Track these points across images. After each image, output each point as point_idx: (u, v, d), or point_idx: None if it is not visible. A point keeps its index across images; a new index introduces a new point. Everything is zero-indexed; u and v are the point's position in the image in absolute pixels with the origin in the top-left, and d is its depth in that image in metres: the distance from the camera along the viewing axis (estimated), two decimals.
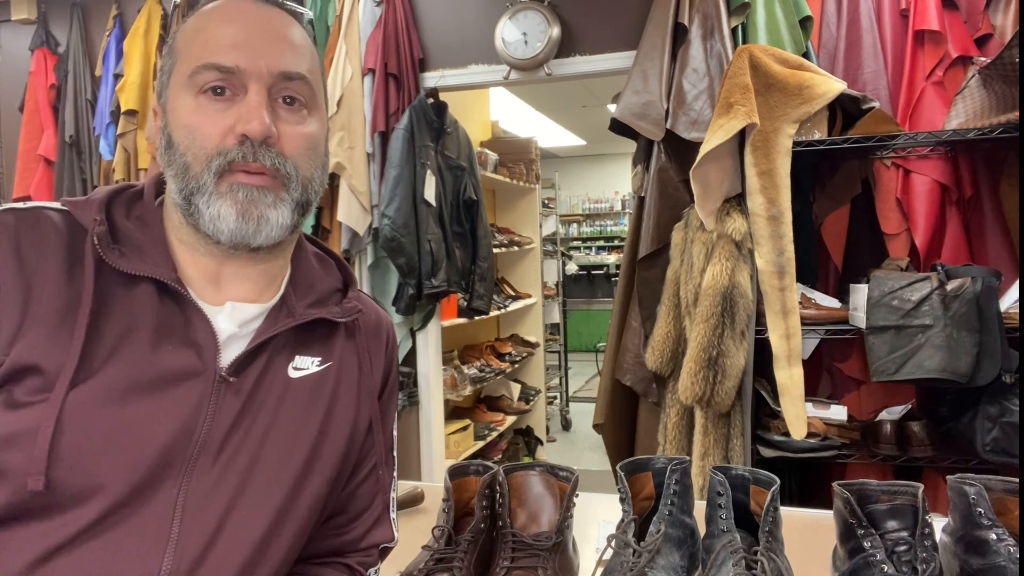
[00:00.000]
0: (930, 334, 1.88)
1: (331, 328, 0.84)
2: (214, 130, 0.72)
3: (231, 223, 0.72)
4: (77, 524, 0.66)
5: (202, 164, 0.71)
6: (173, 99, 0.74)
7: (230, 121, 0.72)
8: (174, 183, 0.73)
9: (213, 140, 0.71)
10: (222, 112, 0.72)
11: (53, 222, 0.72)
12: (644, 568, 0.89)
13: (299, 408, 0.78)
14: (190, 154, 0.72)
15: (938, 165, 2.22)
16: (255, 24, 0.74)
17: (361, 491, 0.88)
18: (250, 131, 0.71)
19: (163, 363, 0.71)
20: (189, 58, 0.73)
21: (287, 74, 0.74)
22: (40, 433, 0.64)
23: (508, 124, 6.02)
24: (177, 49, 0.75)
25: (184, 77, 0.73)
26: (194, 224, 0.73)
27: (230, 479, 0.72)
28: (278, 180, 0.74)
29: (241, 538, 0.72)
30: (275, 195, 0.74)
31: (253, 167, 0.72)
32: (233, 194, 0.72)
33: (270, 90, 0.73)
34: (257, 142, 0.72)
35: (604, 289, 8.54)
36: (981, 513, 0.85)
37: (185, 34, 0.76)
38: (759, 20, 2.32)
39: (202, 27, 0.75)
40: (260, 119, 0.71)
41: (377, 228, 2.79)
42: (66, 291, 0.69)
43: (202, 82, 0.72)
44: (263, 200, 0.73)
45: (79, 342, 0.67)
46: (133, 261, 0.72)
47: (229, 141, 0.71)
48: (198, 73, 0.72)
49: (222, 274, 0.77)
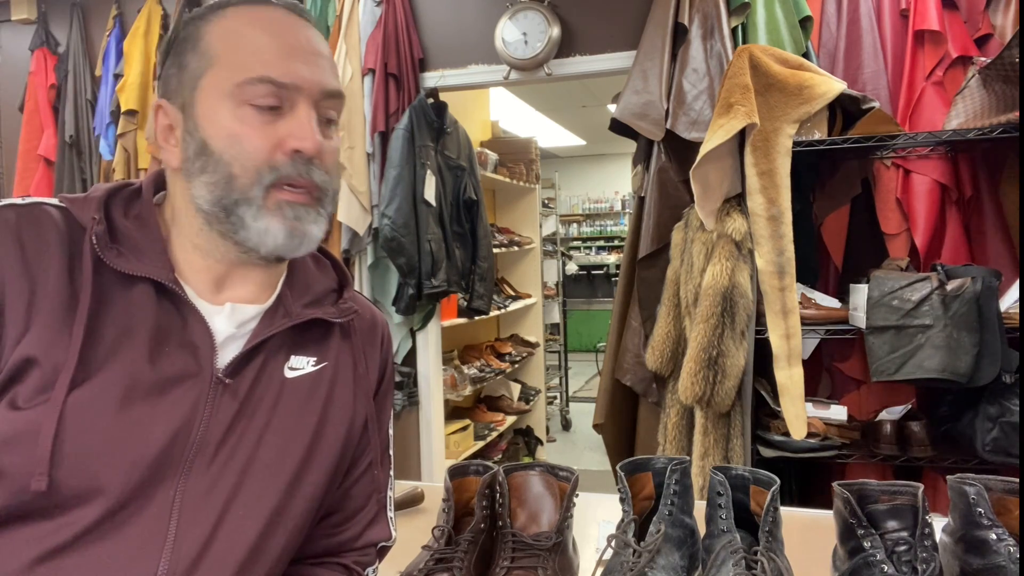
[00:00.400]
0: (930, 334, 1.88)
1: (327, 328, 0.84)
2: (263, 143, 0.72)
3: (280, 239, 0.73)
4: (76, 526, 0.66)
5: (251, 176, 0.72)
6: (207, 105, 0.73)
7: (278, 135, 0.72)
8: (208, 191, 0.72)
9: (263, 153, 0.72)
10: (269, 125, 0.72)
11: (53, 218, 0.71)
12: (644, 568, 0.89)
13: (295, 408, 0.78)
14: (236, 165, 0.72)
15: (938, 165, 2.22)
16: (298, 38, 0.75)
17: (356, 490, 0.88)
18: (304, 148, 0.72)
19: (161, 365, 0.71)
20: (235, 66, 0.72)
21: (331, 92, 0.76)
22: (42, 433, 0.64)
23: (508, 124, 6.03)
24: (212, 53, 0.73)
25: (229, 85, 0.72)
26: (228, 233, 0.73)
27: (226, 480, 0.72)
28: (316, 196, 0.75)
29: (237, 538, 0.72)
30: (316, 211, 0.76)
31: (301, 183, 0.73)
32: (281, 211, 0.73)
33: (315, 107, 0.75)
34: (307, 159, 0.73)
35: (604, 289, 8.54)
36: (981, 513, 0.85)
37: (219, 38, 0.73)
38: (759, 20, 2.32)
39: (241, 33, 0.73)
40: (313, 137, 0.73)
41: (377, 228, 2.79)
42: (66, 288, 0.69)
43: (253, 95, 0.71)
44: (307, 217, 0.75)
45: (78, 342, 0.67)
46: (131, 261, 0.72)
47: (279, 156, 0.72)
48: (250, 85, 0.71)
49: (228, 277, 0.77)
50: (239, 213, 0.72)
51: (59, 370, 0.66)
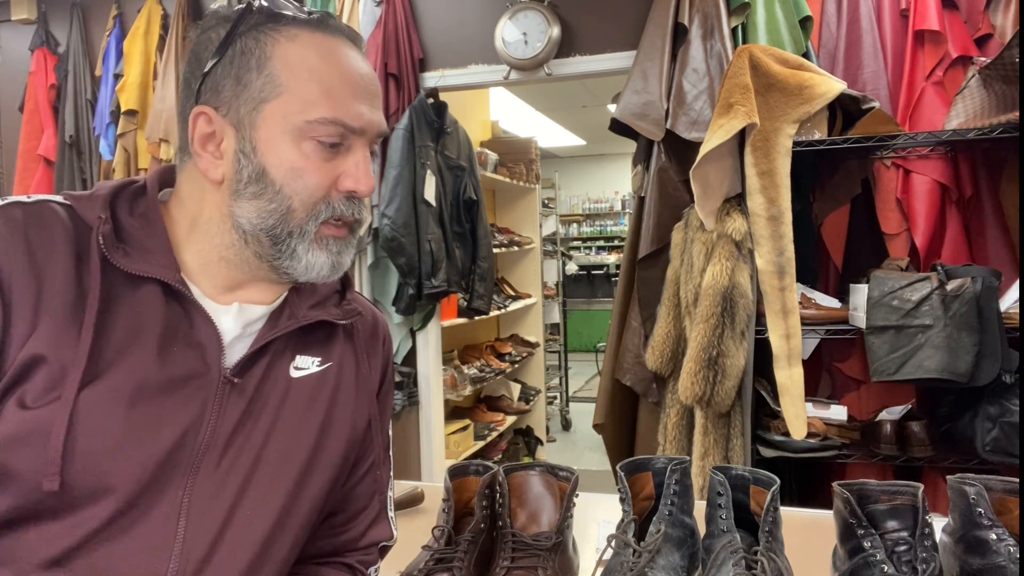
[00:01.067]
0: (930, 334, 1.88)
1: (331, 329, 0.84)
2: (323, 180, 0.74)
3: (324, 271, 0.76)
4: (87, 526, 0.66)
5: (308, 211, 0.74)
6: (273, 133, 0.72)
7: (336, 172, 0.75)
8: (260, 217, 0.73)
9: (321, 190, 0.74)
10: (329, 163, 0.74)
11: (59, 216, 0.71)
12: (644, 568, 0.89)
13: (301, 408, 0.78)
14: (297, 199, 0.73)
15: (938, 165, 2.22)
16: (361, 77, 0.76)
17: (359, 490, 0.89)
18: (360, 192, 0.76)
19: (169, 365, 0.71)
20: (306, 102, 0.72)
21: (383, 132, 0.79)
22: (53, 433, 0.64)
23: (508, 124, 6.02)
24: (280, 81, 0.72)
25: (300, 120, 0.72)
26: (269, 257, 0.75)
27: (234, 479, 0.72)
28: (354, 229, 0.79)
29: (245, 538, 0.72)
30: (351, 242, 0.79)
31: (347, 219, 0.77)
32: (328, 246, 0.76)
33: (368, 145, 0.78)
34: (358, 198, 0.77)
35: (604, 289, 8.55)
36: (981, 513, 0.85)
37: (290, 66, 0.72)
38: (759, 20, 2.32)
39: (313, 65, 0.73)
40: (369, 180, 0.76)
41: (377, 228, 2.79)
42: (74, 287, 0.69)
43: (322, 133, 0.73)
44: (347, 251, 0.79)
45: (87, 342, 0.67)
46: (138, 261, 0.71)
47: (335, 194, 0.75)
48: (322, 124, 0.72)
49: (245, 285, 0.78)
50: (291, 244, 0.74)
51: (67, 369, 0.66)
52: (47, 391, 0.65)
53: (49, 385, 0.66)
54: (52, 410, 0.65)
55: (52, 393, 0.65)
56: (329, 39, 0.75)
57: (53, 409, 0.65)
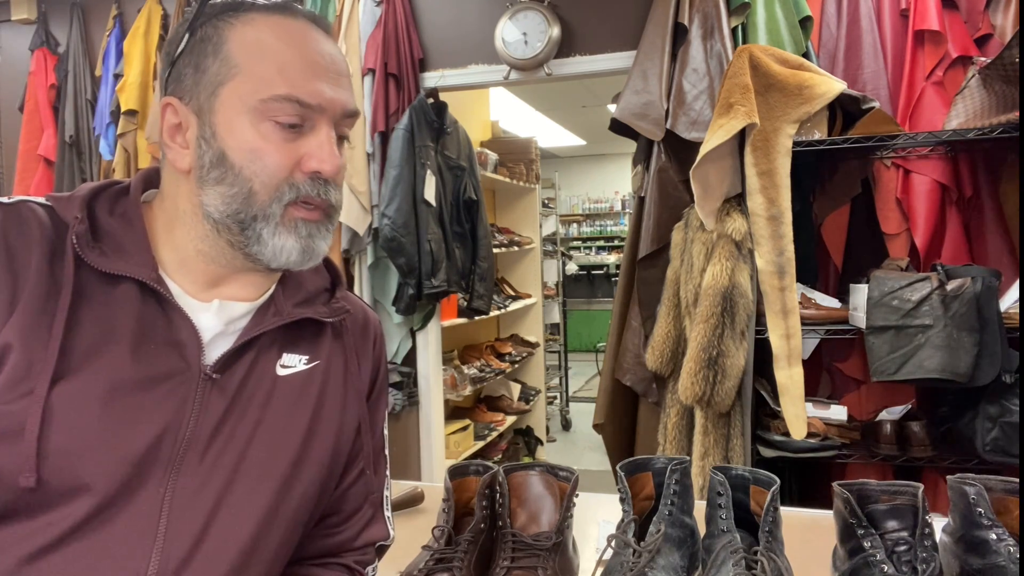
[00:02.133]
0: (930, 334, 1.88)
1: (318, 328, 0.84)
2: (284, 160, 0.72)
3: (294, 256, 0.74)
4: (64, 524, 0.66)
5: (270, 193, 0.72)
6: (230, 115, 0.72)
7: (299, 154, 0.73)
8: (224, 203, 0.72)
9: (284, 171, 0.72)
10: (290, 143, 0.73)
11: (37, 215, 0.71)
12: (644, 568, 0.89)
13: (287, 405, 0.78)
14: (257, 181, 0.72)
15: (938, 165, 2.22)
16: (321, 55, 0.74)
17: (353, 491, 0.88)
18: (325, 171, 0.74)
19: (145, 363, 0.70)
20: (260, 81, 0.71)
21: (350, 112, 0.77)
22: (27, 430, 0.64)
23: (508, 124, 6.02)
24: (235, 62, 0.72)
25: (254, 99, 0.71)
26: (239, 244, 0.73)
27: (217, 477, 0.72)
28: (328, 213, 0.77)
29: (229, 537, 0.71)
30: (326, 227, 0.77)
31: (317, 202, 0.74)
32: (297, 230, 0.74)
33: (334, 126, 0.76)
34: (325, 179, 0.74)
35: (604, 289, 8.55)
36: (981, 513, 0.85)
37: (245, 46, 0.72)
38: (759, 20, 2.32)
39: (267, 45, 0.72)
40: (334, 160, 0.74)
41: (377, 228, 2.79)
42: (46, 282, 0.68)
43: (278, 111, 0.71)
44: (318, 235, 0.76)
45: (57, 338, 0.66)
46: (114, 260, 0.71)
47: (298, 175, 0.73)
48: (276, 102, 0.71)
49: (225, 280, 0.77)
50: (256, 228, 0.73)
51: (34, 363, 0.66)
52: (14, 384, 0.65)
53: (16, 378, 0.65)
54: (24, 405, 0.65)
55: (20, 387, 0.65)
56: (288, 20, 0.74)
57: (25, 404, 0.65)
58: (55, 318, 0.67)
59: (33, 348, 0.66)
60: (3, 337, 0.66)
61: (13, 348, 0.66)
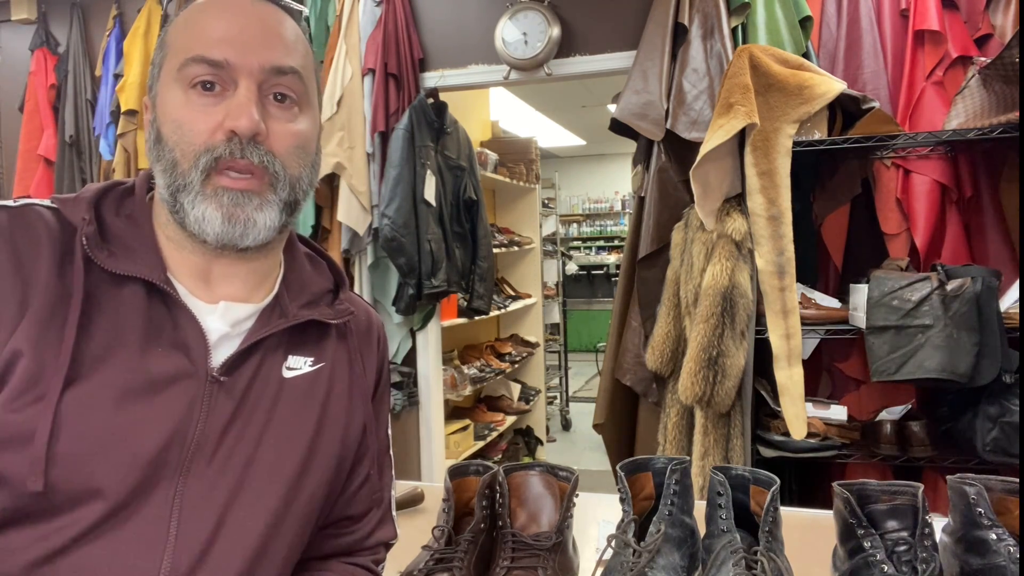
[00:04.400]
0: (930, 334, 1.88)
1: (323, 329, 0.84)
2: (203, 126, 0.70)
3: (216, 226, 0.71)
4: (75, 528, 0.65)
5: (190, 161, 0.70)
6: (163, 93, 0.73)
7: (219, 117, 0.70)
8: (162, 179, 0.72)
9: (202, 136, 0.70)
10: (211, 107, 0.71)
11: (44, 219, 0.71)
12: (644, 568, 0.89)
13: (294, 407, 0.78)
14: (178, 150, 0.71)
15: (938, 165, 2.22)
16: (246, 18, 0.73)
17: (362, 493, 0.88)
18: (238, 127, 0.70)
19: (153, 366, 0.70)
20: (178, 51, 0.72)
21: (278, 68, 0.73)
22: (37, 434, 0.64)
23: (508, 124, 6.02)
24: (167, 42, 0.74)
25: (173, 70, 0.72)
26: (180, 222, 0.73)
27: (226, 479, 0.72)
28: (265, 180, 0.72)
29: (240, 539, 0.71)
30: (261, 197, 0.73)
31: (240, 165, 0.71)
32: (218, 197, 0.71)
33: (260, 86, 0.72)
34: (246, 139, 0.70)
35: (604, 289, 8.55)
36: (981, 513, 0.85)
37: (176, 27, 0.75)
38: (759, 20, 2.32)
39: (193, 20, 0.74)
40: (249, 115, 0.70)
41: (377, 228, 2.79)
42: (56, 287, 0.68)
43: (191, 76, 0.70)
44: (248, 203, 0.72)
45: (69, 344, 0.66)
46: (122, 261, 0.71)
47: (217, 137, 0.70)
48: (187, 66, 0.71)
49: (212, 272, 0.77)
50: (180, 200, 0.71)
51: (46, 368, 0.65)
52: (26, 390, 0.65)
53: (26, 384, 0.65)
54: (35, 411, 0.64)
55: (32, 392, 0.65)
56: None
57: (37, 410, 0.64)
58: (66, 322, 0.67)
59: (44, 354, 0.66)
60: (13, 344, 0.65)
61: (23, 355, 0.65)
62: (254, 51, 0.71)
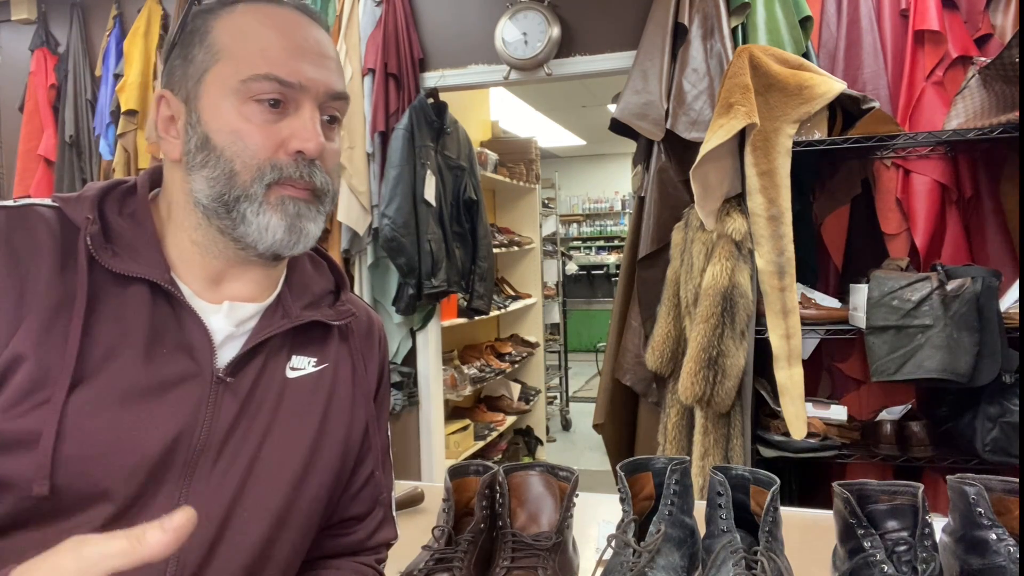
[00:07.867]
0: (930, 334, 1.88)
1: (326, 330, 0.84)
2: (266, 141, 0.72)
3: (279, 234, 0.73)
4: (83, 530, 0.64)
5: (252, 173, 0.72)
6: (214, 99, 0.72)
7: (283, 135, 0.72)
8: (209, 186, 0.72)
9: (266, 151, 0.72)
10: (273, 124, 0.72)
11: (45, 219, 0.70)
12: (644, 568, 0.89)
13: (297, 408, 0.78)
14: (239, 161, 0.71)
15: (938, 165, 2.23)
16: (304, 36, 0.75)
17: (365, 493, 0.88)
18: (307, 150, 0.73)
19: (158, 367, 0.70)
20: (241, 62, 0.72)
21: (335, 94, 0.76)
22: (43, 438, 0.63)
23: (508, 124, 6.02)
24: (219, 47, 0.73)
25: (235, 81, 0.71)
26: (227, 229, 0.73)
27: (231, 481, 0.71)
28: (317, 195, 0.75)
29: (244, 539, 0.71)
30: (316, 209, 0.76)
31: (300, 184, 0.73)
32: (284, 207, 0.73)
33: (320, 107, 0.75)
34: (309, 160, 0.73)
35: (604, 289, 8.55)
36: (981, 513, 0.85)
37: (228, 32, 0.73)
38: (759, 20, 2.32)
39: (250, 30, 0.73)
40: (317, 139, 0.73)
41: (377, 228, 2.79)
42: (58, 289, 0.68)
43: (258, 91, 0.71)
44: (308, 214, 0.75)
45: (74, 346, 0.66)
46: (126, 261, 0.71)
47: (282, 155, 0.72)
48: (255, 82, 0.71)
49: (226, 275, 0.77)
50: (240, 209, 0.72)
51: (51, 371, 0.65)
52: (29, 393, 0.64)
53: (30, 387, 0.64)
54: (40, 415, 0.64)
55: (36, 396, 0.64)
56: (272, 7, 0.75)
57: (41, 414, 0.64)
58: (71, 324, 0.67)
59: (49, 357, 0.65)
60: (14, 348, 0.65)
61: (26, 358, 0.65)
62: (318, 74, 0.74)
